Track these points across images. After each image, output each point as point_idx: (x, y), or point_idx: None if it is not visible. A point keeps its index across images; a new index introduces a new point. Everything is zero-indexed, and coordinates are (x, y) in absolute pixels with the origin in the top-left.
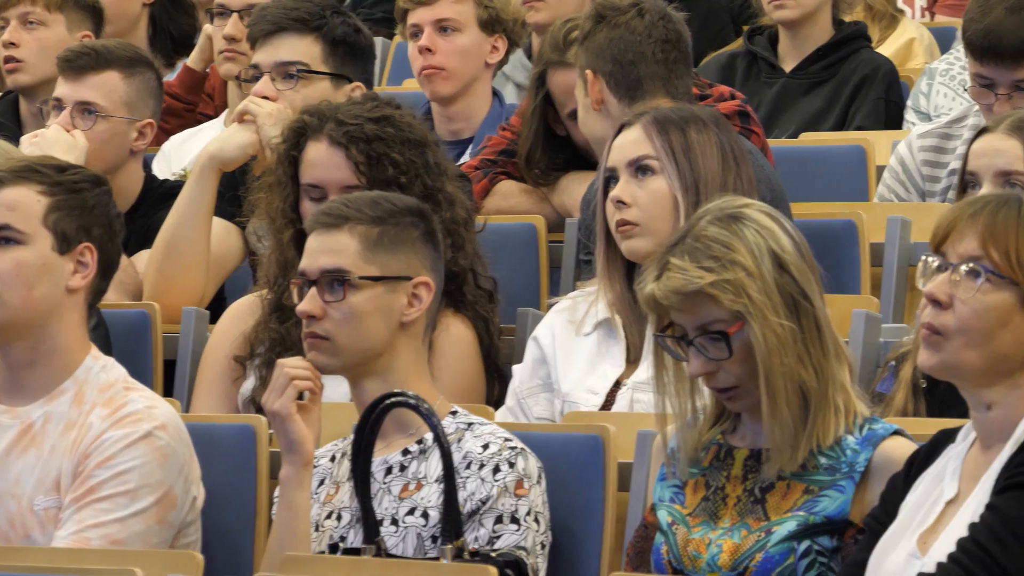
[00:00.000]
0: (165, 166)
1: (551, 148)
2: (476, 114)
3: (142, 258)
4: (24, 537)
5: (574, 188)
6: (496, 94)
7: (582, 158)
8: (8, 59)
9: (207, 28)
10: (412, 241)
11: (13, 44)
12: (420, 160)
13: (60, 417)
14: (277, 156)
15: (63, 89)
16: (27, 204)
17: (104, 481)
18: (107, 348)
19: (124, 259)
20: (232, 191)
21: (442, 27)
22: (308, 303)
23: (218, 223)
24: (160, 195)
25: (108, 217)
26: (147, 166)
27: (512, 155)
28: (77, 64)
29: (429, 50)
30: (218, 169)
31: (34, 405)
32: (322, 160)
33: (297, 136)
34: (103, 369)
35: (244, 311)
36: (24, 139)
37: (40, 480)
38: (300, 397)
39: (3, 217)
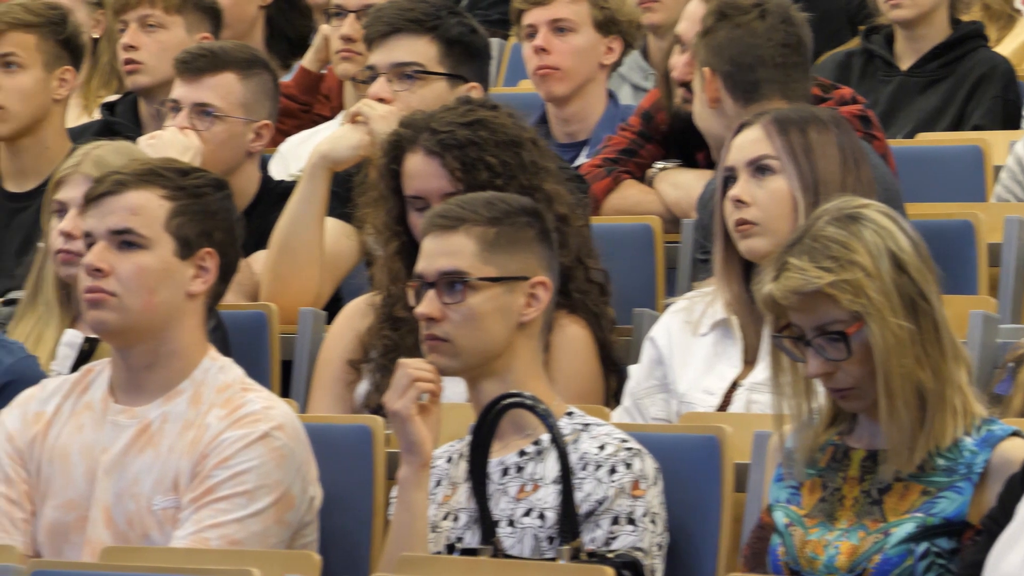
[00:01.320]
0: (282, 167)
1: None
2: (591, 115)
3: (258, 259)
4: (143, 537)
5: (686, 182)
6: (611, 96)
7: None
8: (128, 61)
9: (323, 28)
10: (528, 241)
11: (133, 47)
12: (515, 161)
13: (178, 417)
14: (378, 171)
15: (180, 91)
16: (150, 208)
17: (222, 481)
18: (225, 349)
19: (241, 260)
20: (347, 191)
21: (558, 27)
22: (427, 305)
23: (333, 223)
24: (276, 196)
25: (229, 221)
26: (264, 167)
27: (633, 154)
28: (194, 66)
29: (544, 50)
30: (329, 169)
31: (151, 405)
32: (420, 171)
33: (395, 149)
34: (220, 370)
35: (357, 313)
36: (141, 140)
37: (158, 480)
38: (419, 398)
39: (126, 221)
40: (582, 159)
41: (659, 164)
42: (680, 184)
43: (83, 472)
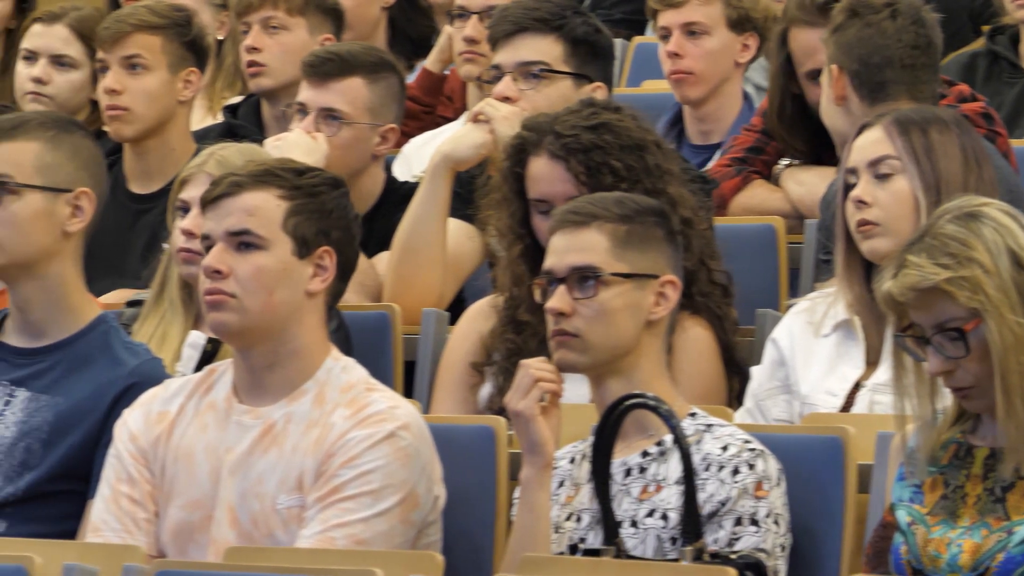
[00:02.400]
0: (405, 168)
1: (799, 111)
2: (726, 116)
3: (382, 260)
4: (268, 536)
5: (810, 181)
6: (746, 97)
7: (824, 141)
8: (251, 63)
9: (447, 30)
10: (657, 240)
11: (256, 48)
12: (639, 164)
13: (302, 417)
14: (501, 174)
15: (307, 94)
16: (267, 209)
17: (348, 481)
18: (348, 350)
19: (365, 261)
20: (470, 192)
21: (690, 30)
22: (558, 300)
23: (456, 224)
24: (400, 197)
25: (346, 220)
26: (387, 168)
27: (760, 151)
28: (322, 70)
29: (678, 55)
30: (452, 169)
31: (275, 406)
32: (544, 175)
33: (518, 152)
34: (344, 370)
35: (480, 315)
36: (268, 142)
37: (282, 480)
38: (541, 399)
39: (243, 222)
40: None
41: (784, 161)
42: (804, 181)
43: (207, 472)
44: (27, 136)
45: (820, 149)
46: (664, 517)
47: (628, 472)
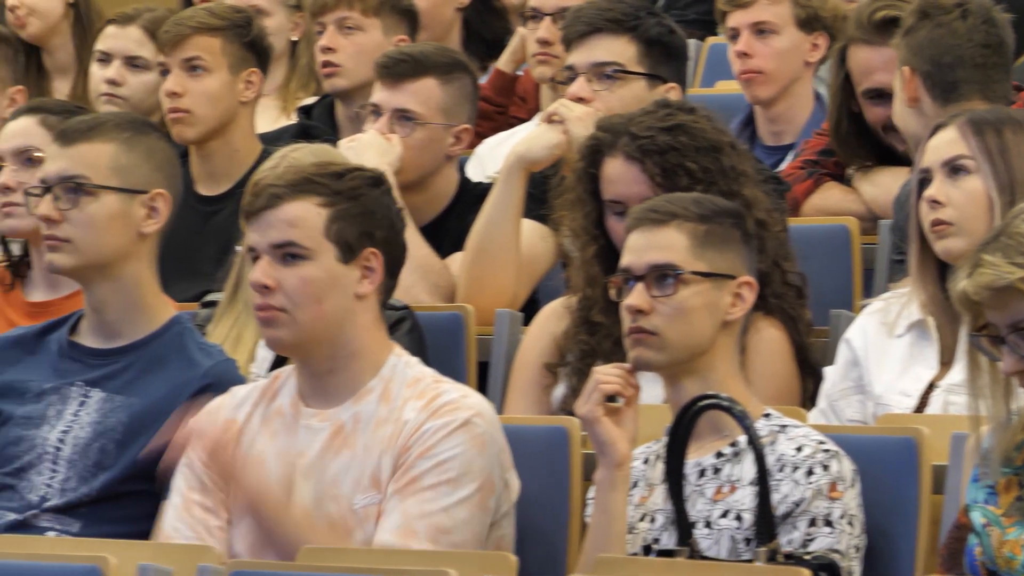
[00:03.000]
0: (479, 169)
1: (857, 129)
2: (798, 116)
3: (455, 260)
4: (346, 537)
5: (884, 182)
6: (818, 97)
7: (885, 148)
8: (325, 64)
9: (520, 31)
10: (734, 241)
11: (330, 49)
12: (715, 166)
13: (370, 416)
14: (576, 174)
15: (381, 95)
16: (308, 219)
17: (426, 471)
18: (422, 350)
19: (439, 261)
20: (543, 193)
21: (759, 30)
22: (636, 298)
23: (529, 225)
24: (473, 198)
25: (390, 217)
26: (461, 169)
27: (832, 154)
28: (395, 71)
29: (747, 55)
30: (525, 170)
31: (342, 407)
32: (619, 176)
33: (593, 153)
34: (407, 365)
35: (554, 315)
36: (342, 143)
37: (357, 480)
38: (613, 400)
39: (286, 234)
40: (788, 164)
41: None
42: (878, 182)
43: (279, 478)
44: (103, 137)
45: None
46: (738, 518)
47: (702, 473)
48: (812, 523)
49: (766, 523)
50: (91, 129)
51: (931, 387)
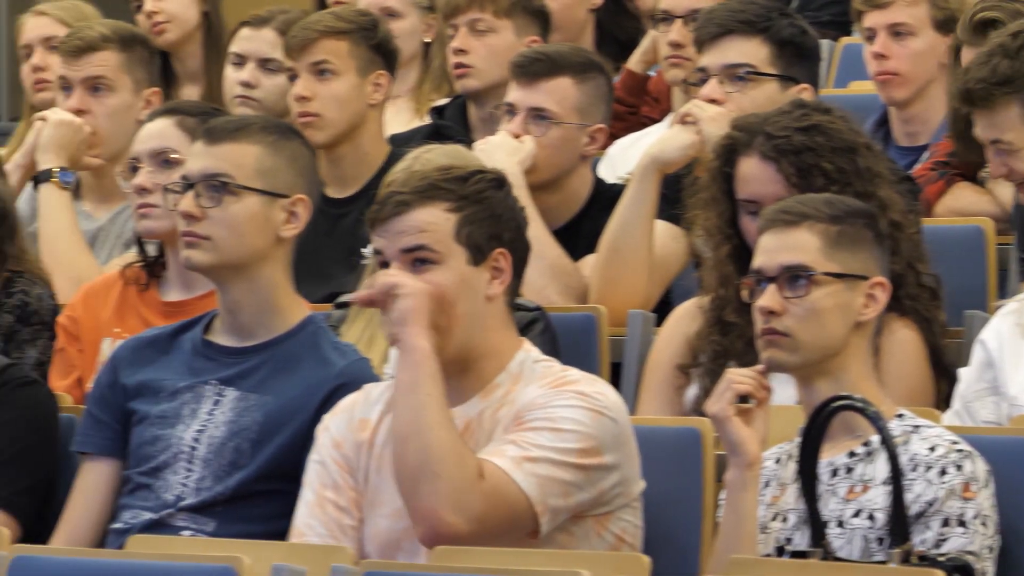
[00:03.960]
0: (610, 170)
1: (968, 135)
2: (932, 118)
3: (588, 262)
4: None
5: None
6: None
7: None
8: (458, 65)
9: (651, 33)
10: (867, 242)
11: (462, 51)
12: (850, 167)
13: (496, 406)
14: (710, 173)
15: (516, 95)
16: (437, 224)
17: (534, 419)
18: (555, 351)
19: (571, 263)
20: (676, 193)
21: (896, 31)
22: (768, 299)
23: (662, 226)
24: (607, 199)
25: (515, 218)
26: (593, 169)
27: None
28: (530, 70)
29: (883, 56)
30: (659, 170)
31: (470, 403)
32: (754, 175)
33: (728, 152)
34: (535, 361)
35: (687, 316)
36: (476, 145)
37: None
38: (744, 401)
39: (416, 239)
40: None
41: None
42: None
43: None
44: (249, 139)
45: None
46: (871, 518)
47: (834, 472)
48: (945, 523)
49: (899, 523)
50: (238, 130)
51: None
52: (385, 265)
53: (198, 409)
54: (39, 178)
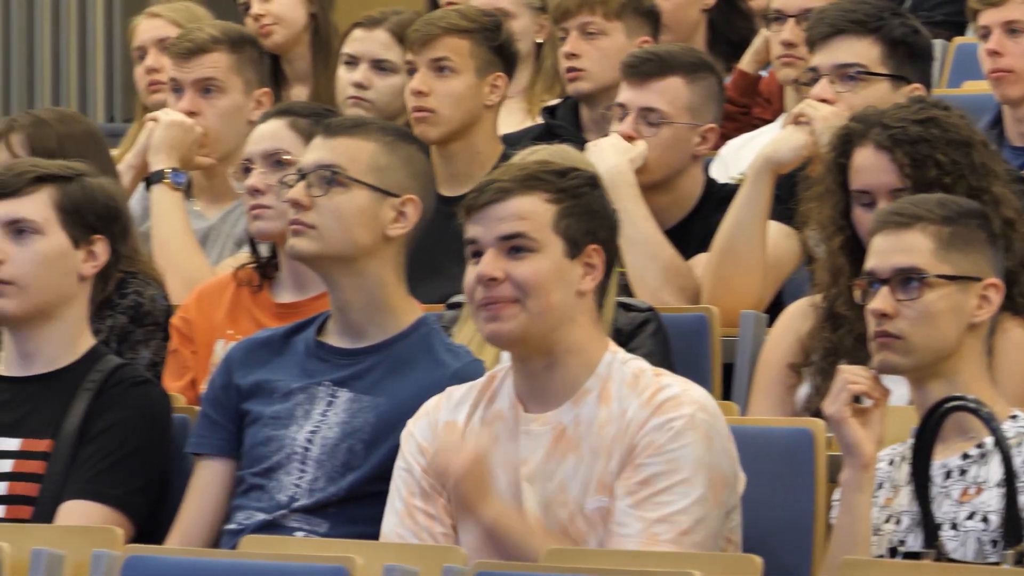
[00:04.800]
0: (722, 170)
1: None
2: None
3: (699, 262)
4: (578, 541)
5: None
6: None
7: None
8: (569, 68)
9: (764, 32)
10: (979, 242)
11: (574, 54)
12: (965, 161)
13: (591, 417)
14: (826, 165)
15: (627, 95)
16: (537, 213)
17: (659, 473)
18: (666, 352)
19: (684, 263)
20: (789, 194)
21: (1011, 28)
22: (881, 302)
23: (775, 226)
24: (719, 199)
25: (610, 218)
26: (705, 170)
27: None
28: (641, 70)
29: (997, 53)
30: (773, 171)
31: (561, 408)
32: (868, 165)
33: (844, 143)
34: (623, 363)
35: (798, 315)
36: (588, 147)
37: (585, 483)
38: (859, 401)
39: (516, 227)
40: None
41: None
42: None
43: (506, 484)
44: (366, 136)
45: None
46: (985, 520)
47: (948, 474)
48: None
49: (1013, 525)
50: (356, 126)
51: None
52: (477, 255)
53: (311, 410)
54: (151, 179)
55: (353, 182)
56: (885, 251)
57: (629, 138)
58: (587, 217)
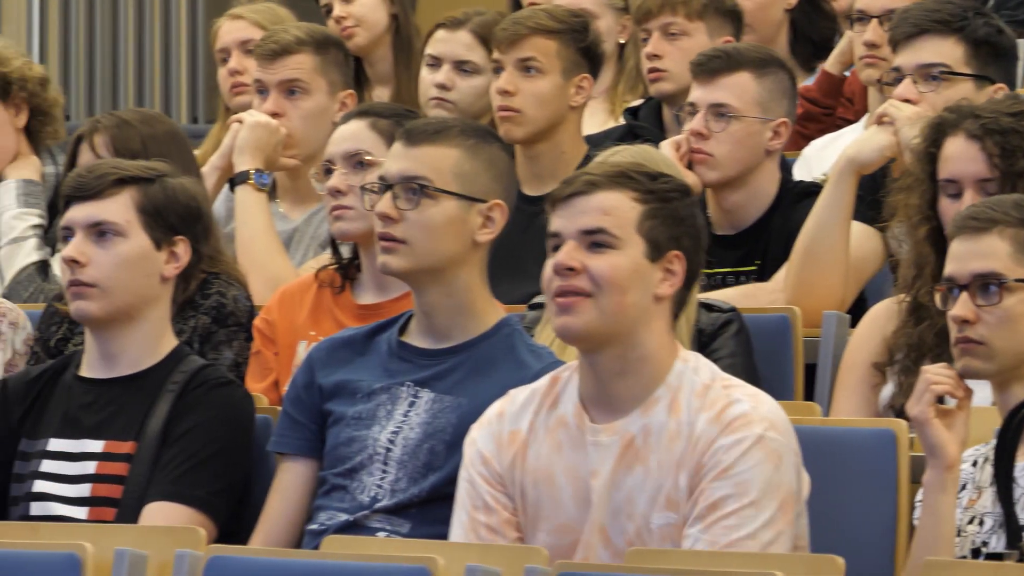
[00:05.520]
0: (806, 171)
1: None
2: None
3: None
4: None
5: None
6: None
7: None
8: (651, 70)
9: (848, 33)
10: None
11: (656, 56)
12: None
13: (660, 429)
14: (916, 154)
15: (696, 93)
16: (622, 210)
17: (727, 497)
18: (748, 352)
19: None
20: (872, 194)
21: None
22: (961, 308)
23: (858, 227)
24: (795, 196)
25: (696, 228)
26: (788, 170)
27: None
28: (709, 67)
29: None
30: (856, 172)
31: (630, 418)
32: (958, 154)
33: (936, 133)
34: (695, 371)
35: (883, 315)
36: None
37: (652, 497)
38: (943, 402)
39: (599, 221)
40: None
41: None
42: None
43: (571, 495)
44: (448, 142)
45: None
46: None
47: None
48: None
49: None
50: (437, 132)
51: None
52: (557, 248)
53: (393, 410)
54: (235, 180)
55: (440, 193)
56: (963, 256)
57: (699, 135)
58: (673, 222)
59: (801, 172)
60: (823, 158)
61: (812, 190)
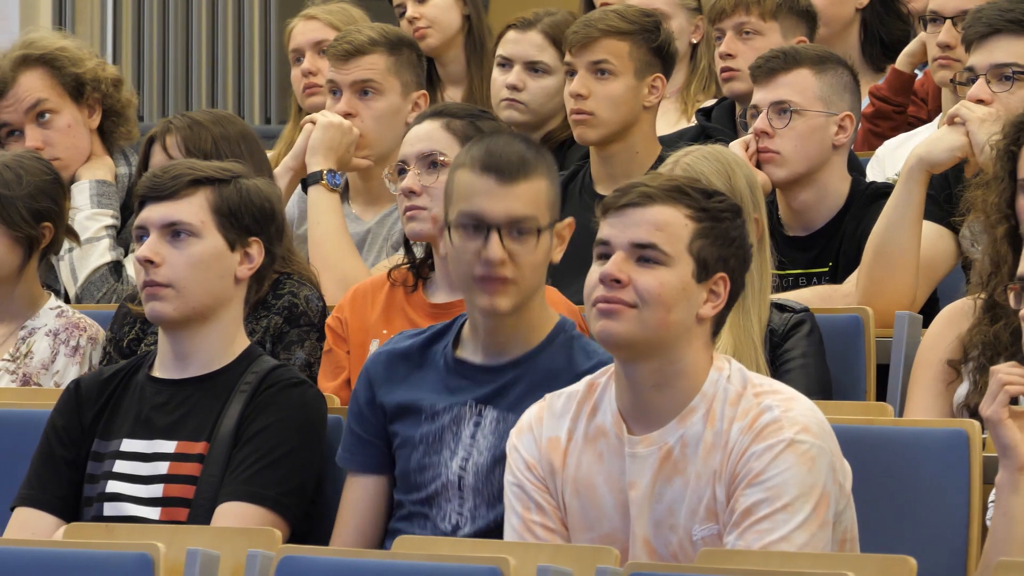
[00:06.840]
0: (879, 170)
1: None
2: None
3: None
4: None
5: None
6: None
7: None
8: (725, 69)
9: (922, 35)
10: None
11: (730, 55)
12: None
13: (696, 440)
14: (996, 152)
15: (758, 95)
16: (675, 226)
17: (759, 502)
18: (820, 352)
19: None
20: (944, 193)
21: None
22: None
23: (929, 227)
24: (867, 197)
25: (744, 249)
26: (861, 170)
27: None
28: (768, 67)
29: None
30: (926, 171)
31: (667, 428)
32: None
33: (1017, 131)
34: (728, 380)
35: (957, 315)
36: (733, 144)
37: (692, 509)
38: (1016, 402)
39: (651, 236)
40: None
41: None
42: None
43: (613, 506)
44: (538, 174)
45: None
46: None
47: None
48: None
49: None
50: (525, 165)
51: None
52: (604, 258)
53: (459, 433)
54: (308, 180)
55: (545, 229)
56: None
57: (764, 134)
58: (723, 243)
59: (874, 172)
60: (897, 158)
61: (884, 191)
